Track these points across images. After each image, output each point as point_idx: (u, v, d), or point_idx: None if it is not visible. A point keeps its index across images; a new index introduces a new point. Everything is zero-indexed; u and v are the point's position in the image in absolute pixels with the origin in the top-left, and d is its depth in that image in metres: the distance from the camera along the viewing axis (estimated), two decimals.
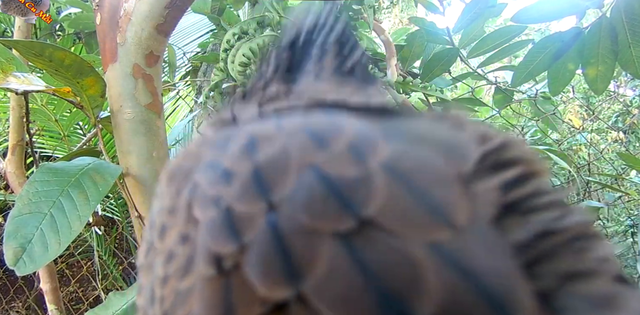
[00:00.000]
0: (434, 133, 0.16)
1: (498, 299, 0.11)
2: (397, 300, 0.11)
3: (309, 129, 0.16)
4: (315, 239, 0.13)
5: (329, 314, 0.12)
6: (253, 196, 0.14)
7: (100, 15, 0.70)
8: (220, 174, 0.16)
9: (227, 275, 0.13)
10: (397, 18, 4.52)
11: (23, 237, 0.53)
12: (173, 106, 2.16)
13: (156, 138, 0.72)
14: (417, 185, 0.13)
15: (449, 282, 0.11)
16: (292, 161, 0.14)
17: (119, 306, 0.62)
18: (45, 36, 1.73)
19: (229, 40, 0.72)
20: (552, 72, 1.01)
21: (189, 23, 1.89)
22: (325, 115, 0.18)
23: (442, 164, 0.14)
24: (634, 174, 2.17)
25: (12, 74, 0.70)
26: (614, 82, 2.52)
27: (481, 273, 0.12)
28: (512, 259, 0.12)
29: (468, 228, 0.13)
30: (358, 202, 0.13)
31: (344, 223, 0.13)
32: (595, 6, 0.90)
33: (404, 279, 0.12)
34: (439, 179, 0.14)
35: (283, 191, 0.14)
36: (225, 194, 0.15)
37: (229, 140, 0.17)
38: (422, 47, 1.15)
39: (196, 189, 0.16)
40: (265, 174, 0.15)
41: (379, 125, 0.16)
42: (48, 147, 1.89)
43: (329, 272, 0.12)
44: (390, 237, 0.12)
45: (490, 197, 0.14)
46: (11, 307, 2.13)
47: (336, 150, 0.14)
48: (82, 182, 0.59)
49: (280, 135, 0.16)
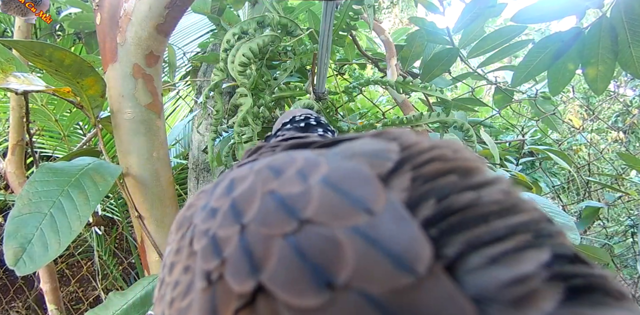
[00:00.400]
0: (364, 148, 0.21)
1: (399, 257, 0.15)
2: (324, 272, 0.15)
3: (270, 165, 0.21)
4: (270, 242, 0.16)
5: (281, 294, 0.15)
6: (230, 223, 0.19)
7: (100, 15, 0.70)
8: (208, 211, 0.21)
9: (214, 285, 0.17)
10: (397, 18, 4.52)
11: (23, 237, 0.53)
12: (173, 106, 2.16)
13: (156, 138, 0.72)
14: (343, 188, 0.18)
15: (361, 251, 0.15)
16: (257, 191, 0.19)
17: (119, 306, 0.62)
18: (45, 36, 1.73)
19: (229, 40, 0.72)
20: (552, 72, 1.01)
21: (189, 23, 1.89)
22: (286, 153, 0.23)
23: (365, 170, 0.19)
24: (634, 174, 2.17)
25: (12, 74, 0.70)
26: (614, 82, 2.52)
27: (387, 240, 0.15)
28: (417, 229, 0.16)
29: (381, 211, 0.16)
30: (299, 209, 0.17)
31: (288, 226, 0.17)
32: (595, 6, 0.90)
33: (328, 256, 0.15)
34: (361, 181, 0.18)
35: (250, 214, 0.18)
36: (212, 226, 0.20)
37: (216, 186, 0.23)
38: (422, 47, 1.15)
39: (195, 229, 0.21)
40: (239, 204, 0.19)
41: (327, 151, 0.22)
42: (48, 147, 1.89)
43: (277, 262, 0.16)
44: (322, 228, 0.16)
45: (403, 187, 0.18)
46: (11, 307, 2.12)
47: (287, 176, 0.19)
48: (82, 182, 0.59)
49: (251, 174, 0.21)
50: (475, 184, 0.18)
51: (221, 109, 0.79)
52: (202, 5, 1.19)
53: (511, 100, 1.41)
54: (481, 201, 0.17)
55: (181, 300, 0.20)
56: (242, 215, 0.18)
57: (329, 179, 0.18)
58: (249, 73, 0.74)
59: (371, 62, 1.27)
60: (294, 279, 0.15)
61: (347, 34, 0.83)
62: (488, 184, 0.18)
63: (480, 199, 0.18)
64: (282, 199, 0.18)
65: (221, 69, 0.75)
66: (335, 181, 0.18)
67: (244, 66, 0.69)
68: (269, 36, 0.72)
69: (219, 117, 0.80)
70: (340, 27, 0.80)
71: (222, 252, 0.18)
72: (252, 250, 0.17)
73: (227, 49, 0.72)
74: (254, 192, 0.19)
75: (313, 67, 0.77)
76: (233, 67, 0.69)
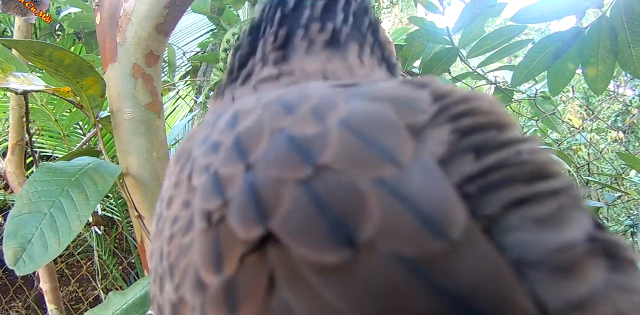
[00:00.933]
0: (391, 93, 0.18)
1: (432, 219, 0.13)
2: (345, 224, 0.13)
3: (280, 100, 0.19)
4: (281, 186, 0.15)
5: (295, 246, 0.14)
6: (234, 160, 0.17)
7: (100, 15, 0.70)
8: (210, 146, 0.19)
9: (215, 227, 0.16)
10: (397, 18, 4.52)
11: (23, 237, 0.53)
12: (173, 106, 2.16)
13: (156, 138, 0.72)
14: (366, 133, 0.16)
15: (388, 206, 0.13)
16: (266, 128, 0.17)
17: (119, 306, 0.62)
18: (45, 36, 1.73)
19: (229, 40, 0.72)
20: (552, 72, 1.01)
21: (189, 23, 1.90)
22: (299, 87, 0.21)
23: (392, 116, 0.16)
24: (634, 174, 2.17)
25: (12, 74, 0.70)
26: (614, 82, 2.52)
27: (417, 199, 0.14)
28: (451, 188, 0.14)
29: (411, 165, 0.15)
30: (315, 153, 0.15)
31: (302, 171, 0.15)
32: (595, 6, 0.90)
33: (350, 208, 0.14)
34: (387, 128, 0.16)
35: (257, 153, 0.16)
36: (214, 162, 0.18)
37: (219, 118, 0.20)
38: (422, 47, 1.15)
39: (194, 163, 0.19)
40: (244, 141, 0.17)
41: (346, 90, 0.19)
42: (48, 147, 1.89)
43: (290, 209, 0.14)
44: (342, 176, 0.14)
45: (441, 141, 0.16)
46: (11, 307, 2.13)
47: (301, 114, 0.17)
48: (82, 182, 0.59)
49: (257, 108, 0.19)
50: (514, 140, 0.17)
51: None
52: (202, 5, 1.19)
53: (511, 100, 1.41)
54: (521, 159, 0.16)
55: (182, 237, 0.18)
56: (247, 154, 0.16)
57: (349, 121, 0.16)
58: None
59: None
60: (309, 229, 0.14)
61: None
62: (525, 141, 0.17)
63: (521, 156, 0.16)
64: (295, 140, 0.16)
65: (221, 69, 0.75)
66: (357, 125, 0.16)
67: None
68: None
69: None
70: None
71: (224, 192, 0.16)
72: (260, 194, 0.15)
73: (227, 49, 0.72)
74: (262, 129, 0.17)
75: None
76: None
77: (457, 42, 1.18)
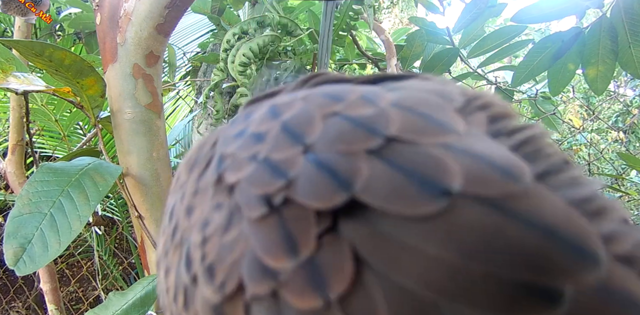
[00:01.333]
0: (425, 86, 0.20)
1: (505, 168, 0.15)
2: (435, 182, 0.14)
3: (322, 93, 0.19)
4: (352, 157, 0.15)
5: (380, 205, 0.14)
6: (287, 144, 0.17)
7: (100, 15, 0.70)
8: (249, 138, 0.18)
9: (278, 210, 0.15)
10: (397, 18, 4.52)
11: (23, 237, 0.53)
12: (173, 106, 2.16)
13: (156, 138, 0.72)
14: (422, 112, 0.17)
15: (465, 162, 0.15)
16: (315, 114, 0.17)
17: (119, 306, 0.62)
18: (45, 36, 1.73)
19: (229, 40, 0.72)
20: (552, 72, 1.01)
21: (189, 23, 1.90)
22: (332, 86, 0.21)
23: (438, 100, 0.18)
24: (634, 174, 2.17)
25: (12, 74, 0.70)
26: (614, 82, 2.52)
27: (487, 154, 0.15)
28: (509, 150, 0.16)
29: (468, 134, 0.16)
30: (381, 127, 0.16)
31: (373, 142, 0.15)
32: (595, 6, 0.90)
33: (432, 168, 0.15)
34: (439, 108, 0.17)
35: (313, 135, 0.16)
36: (260, 150, 0.17)
37: (249, 115, 0.20)
38: (422, 47, 1.15)
39: (224, 161, 0.19)
40: (294, 127, 0.17)
41: (383, 86, 0.20)
42: (48, 147, 1.89)
43: (371, 175, 0.15)
44: (412, 145, 0.15)
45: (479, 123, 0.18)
46: (11, 307, 2.13)
47: (351, 100, 0.18)
48: (82, 182, 0.59)
49: (298, 101, 0.19)
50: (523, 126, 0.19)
51: (221, 109, 0.79)
52: (202, 5, 1.19)
53: (511, 100, 1.41)
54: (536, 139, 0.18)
55: (221, 236, 0.17)
56: (302, 137, 0.17)
57: (402, 103, 0.17)
58: (249, 73, 0.74)
59: (371, 62, 1.27)
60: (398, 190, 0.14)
61: (347, 34, 0.83)
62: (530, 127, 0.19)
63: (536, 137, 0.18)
64: (355, 119, 0.16)
65: (221, 69, 0.75)
66: (410, 105, 0.17)
67: (244, 66, 0.69)
68: (269, 36, 0.72)
69: (219, 117, 0.80)
70: (340, 27, 0.80)
71: (284, 173, 0.16)
72: (333, 166, 0.15)
73: (227, 49, 0.72)
74: (311, 116, 0.17)
75: (313, 67, 0.77)
76: (233, 67, 0.69)
77: (457, 42, 1.18)
